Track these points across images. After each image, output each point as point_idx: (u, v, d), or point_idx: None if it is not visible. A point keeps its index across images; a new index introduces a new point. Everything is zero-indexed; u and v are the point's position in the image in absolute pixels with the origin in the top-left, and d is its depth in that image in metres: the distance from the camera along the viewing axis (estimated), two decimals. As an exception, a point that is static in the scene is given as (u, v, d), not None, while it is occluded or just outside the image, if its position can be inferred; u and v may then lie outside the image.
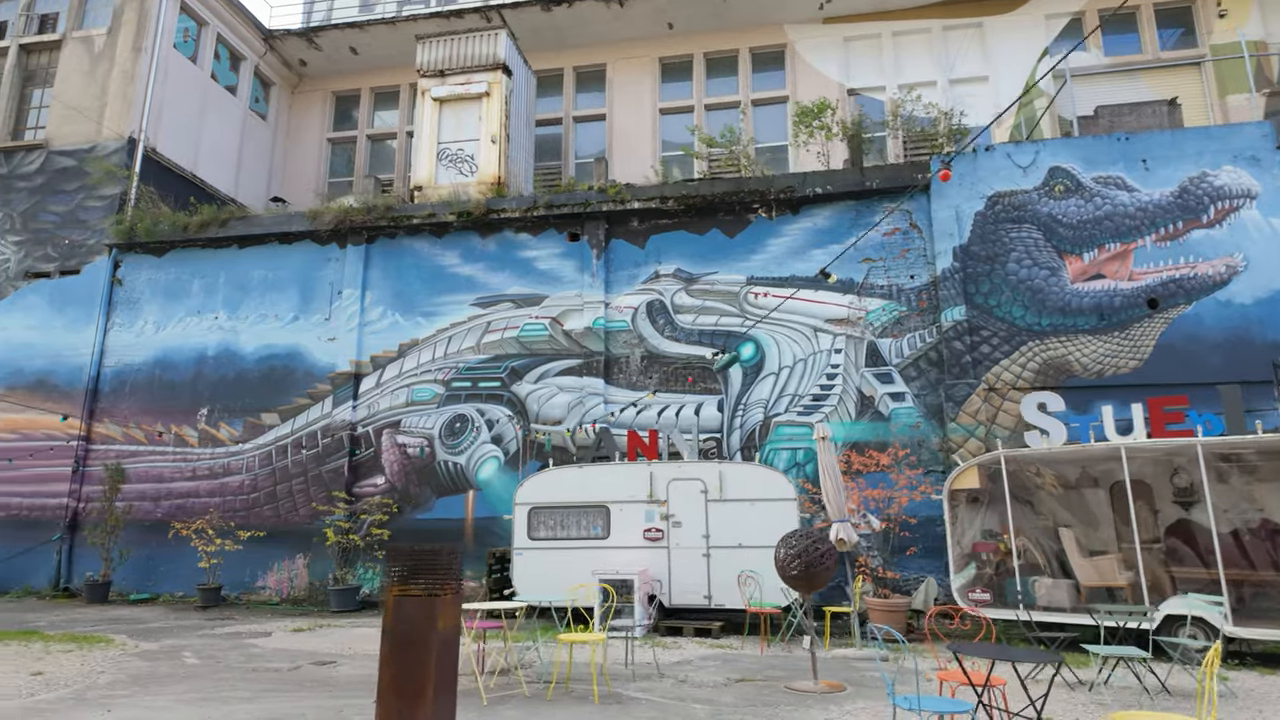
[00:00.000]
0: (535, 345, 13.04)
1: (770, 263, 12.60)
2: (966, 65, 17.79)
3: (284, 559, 12.90)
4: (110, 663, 6.76)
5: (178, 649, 7.66)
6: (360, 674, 6.32)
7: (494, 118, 15.71)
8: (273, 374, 13.76)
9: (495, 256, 13.64)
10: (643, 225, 13.24)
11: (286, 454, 13.32)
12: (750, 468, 9.21)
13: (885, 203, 12.48)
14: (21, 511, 13.90)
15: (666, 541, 9.05)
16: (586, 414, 12.48)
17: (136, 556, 13.25)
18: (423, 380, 13.28)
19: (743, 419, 12.02)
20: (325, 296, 13.99)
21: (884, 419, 11.61)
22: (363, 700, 5.31)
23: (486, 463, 12.69)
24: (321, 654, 7.27)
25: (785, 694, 5.49)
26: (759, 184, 12.69)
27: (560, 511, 9.43)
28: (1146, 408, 7.99)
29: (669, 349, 12.59)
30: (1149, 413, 7.90)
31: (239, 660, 6.94)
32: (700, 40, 18.91)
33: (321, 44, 19.52)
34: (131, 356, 14.35)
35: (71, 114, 15.79)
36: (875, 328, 12.02)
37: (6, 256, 15.34)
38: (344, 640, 8.40)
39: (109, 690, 5.57)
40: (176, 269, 14.64)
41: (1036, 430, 10.19)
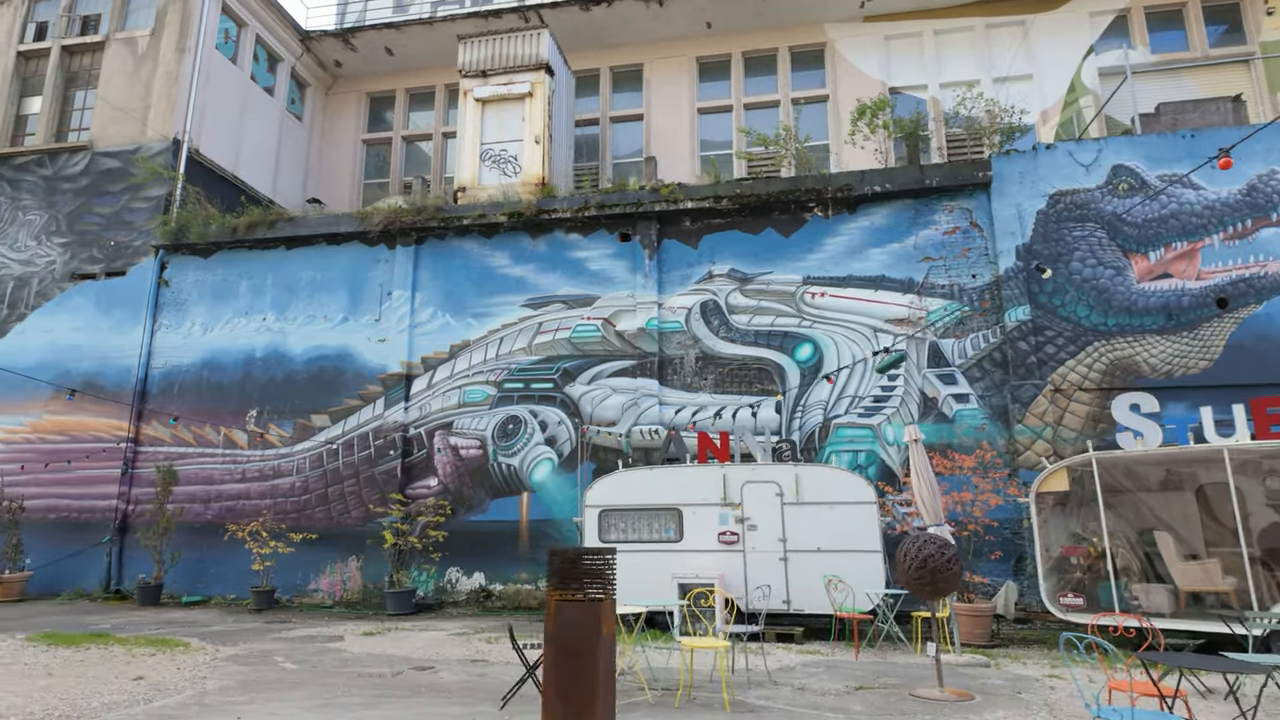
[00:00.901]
0: (587, 346, 12.94)
1: (827, 262, 12.47)
2: (1010, 63, 17.61)
3: (336, 561, 12.82)
4: (207, 668, 6.67)
5: (265, 653, 7.57)
6: (464, 680, 6.20)
7: (537, 118, 15.63)
8: (322, 375, 13.70)
9: (545, 257, 13.54)
10: (695, 225, 13.13)
11: (338, 456, 13.25)
12: (828, 470, 9.08)
13: (944, 201, 12.34)
14: (71, 514, 13.87)
15: (742, 545, 8.92)
16: (641, 415, 12.37)
17: (186, 559, 13.19)
18: (474, 381, 13.19)
19: (801, 421, 11.89)
20: (374, 297, 13.92)
21: (948, 421, 11.46)
22: (487, 708, 5.18)
23: (540, 464, 12.59)
24: (413, 659, 7.16)
25: (915, 703, 5.35)
26: (815, 182, 12.56)
27: (631, 514, 9.31)
28: (1249, 409, 7.82)
29: (724, 350, 12.47)
30: (1252, 414, 7.73)
31: (333, 665, 6.84)
32: (739, 39, 18.79)
33: (357, 45, 19.48)
34: (179, 358, 14.31)
35: (116, 115, 15.78)
36: (937, 328, 11.87)
37: (52, 258, 15.33)
38: (422, 645, 8.29)
39: (225, 696, 5.47)
40: (223, 270, 14.60)
41: (1128, 431, 10.04)
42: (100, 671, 6.51)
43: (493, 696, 5.51)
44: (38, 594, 13.36)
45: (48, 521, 13.85)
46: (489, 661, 7.04)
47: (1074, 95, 17.18)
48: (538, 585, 12.12)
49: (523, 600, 12.08)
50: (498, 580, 12.28)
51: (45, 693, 5.66)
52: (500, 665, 6.89)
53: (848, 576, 8.34)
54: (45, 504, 13.92)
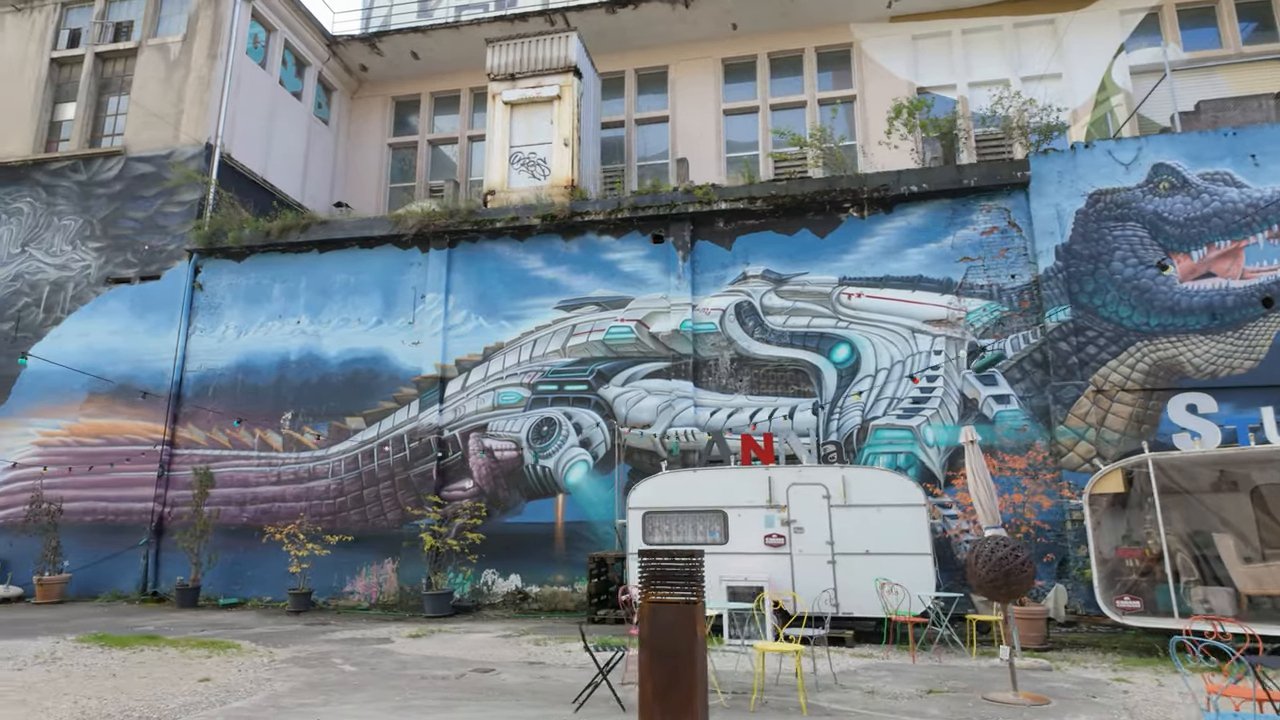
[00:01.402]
0: (621, 348, 12.93)
1: (863, 262, 12.40)
2: (1039, 62, 17.50)
3: (372, 563, 12.85)
4: (268, 670, 6.69)
5: (321, 656, 7.57)
6: (527, 682, 6.17)
7: (566, 120, 15.65)
8: (357, 378, 13.75)
9: (578, 259, 13.55)
10: (728, 226, 13.10)
11: (373, 458, 13.29)
12: (875, 472, 9.02)
13: (982, 200, 12.26)
14: (107, 516, 13.97)
15: (789, 548, 8.87)
16: (676, 417, 12.34)
17: (222, 561, 13.26)
18: (508, 384, 13.21)
19: (839, 422, 11.83)
20: (408, 300, 13.96)
21: (989, 422, 11.37)
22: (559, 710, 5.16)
23: (575, 466, 12.58)
24: (471, 661, 7.15)
25: (993, 707, 5.28)
26: (850, 182, 12.51)
27: (675, 516, 9.28)
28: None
29: (760, 351, 12.42)
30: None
31: (392, 667, 6.84)
32: (765, 40, 18.77)
33: (383, 49, 19.58)
34: (214, 361, 14.40)
35: (149, 120, 15.92)
36: (976, 328, 11.78)
37: (87, 262, 15.47)
38: (471, 647, 8.29)
39: (298, 698, 5.46)
40: (257, 274, 14.69)
41: (1184, 432, 9.93)
42: (163, 673, 6.53)
43: (563, 699, 5.49)
44: (76, 596, 13.46)
45: (84, 524, 13.96)
46: (545, 664, 7.02)
47: (1104, 94, 17.04)
48: (574, 587, 12.11)
49: (559, 602, 12.07)
50: (534, 582, 12.27)
51: (117, 693, 5.69)
52: (557, 668, 6.87)
53: (897, 579, 8.27)
54: (82, 506, 14.03)
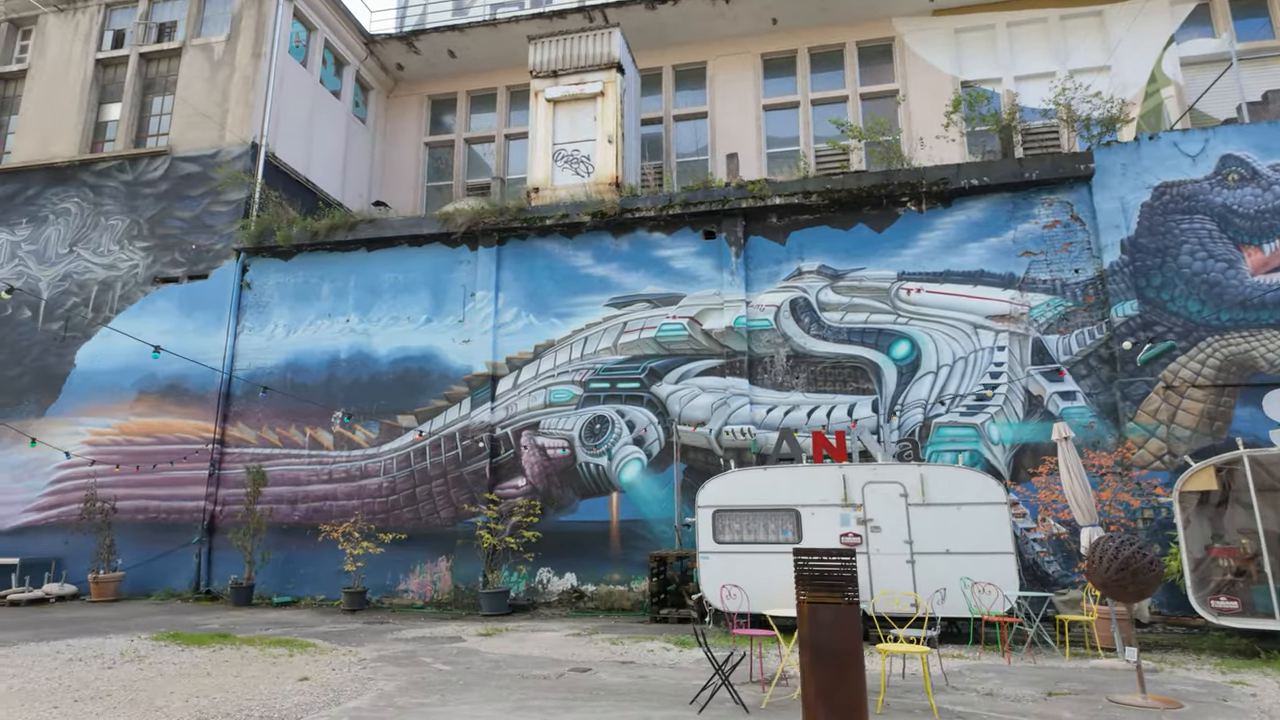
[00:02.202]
0: (674, 345, 12.82)
1: (922, 257, 12.24)
2: (1086, 55, 17.24)
3: (425, 562, 12.81)
4: (359, 668, 6.63)
5: (407, 655, 7.48)
6: (629, 682, 6.04)
7: (610, 117, 15.55)
8: (407, 376, 13.72)
9: (628, 256, 13.45)
10: (782, 221, 12.96)
11: (425, 456, 13.25)
12: (954, 470, 8.86)
13: (1043, 194, 12.06)
14: (159, 515, 14.01)
15: (866, 547, 8.73)
16: (732, 415, 12.22)
17: (275, 559, 13.26)
18: (560, 381, 13.13)
19: (900, 420, 11.67)
20: (458, 299, 13.92)
21: (1054, 419, 11.17)
22: (679, 711, 5.04)
23: (629, 464, 12.49)
24: (560, 660, 7.06)
25: (1127, 710, 5.12)
26: (909, 176, 12.34)
27: (746, 514, 9.16)
28: None
29: (816, 348, 12.28)
30: None
31: (487, 666, 6.75)
32: (805, 35, 18.60)
33: (420, 47, 19.56)
34: (263, 360, 14.41)
35: (194, 120, 15.97)
36: (1040, 324, 11.59)
37: (135, 262, 15.53)
38: (546, 646, 8.21)
39: (410, 698, 5.35)
40: (304, 272, 14.69)
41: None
42: (254, 671, 6.49)
43: (677, 699, 5.37)
44: (129, 594, 13.51)
45: (136, 522, 14.01)
46: (636, 663, 6.93)
47: (1155, 86, 16.76)
48: (630, 586, 12.02)
49: (616, 601, 11.98)
50: (590, 581, 12.19)
51: (222, 692, 5.64)
52: (650, 667, 6.78)
53: (980, 579, 8.12)
54: (134, 505, 14.08)
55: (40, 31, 17.74)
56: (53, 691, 5.70)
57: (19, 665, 6.86)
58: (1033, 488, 10.68)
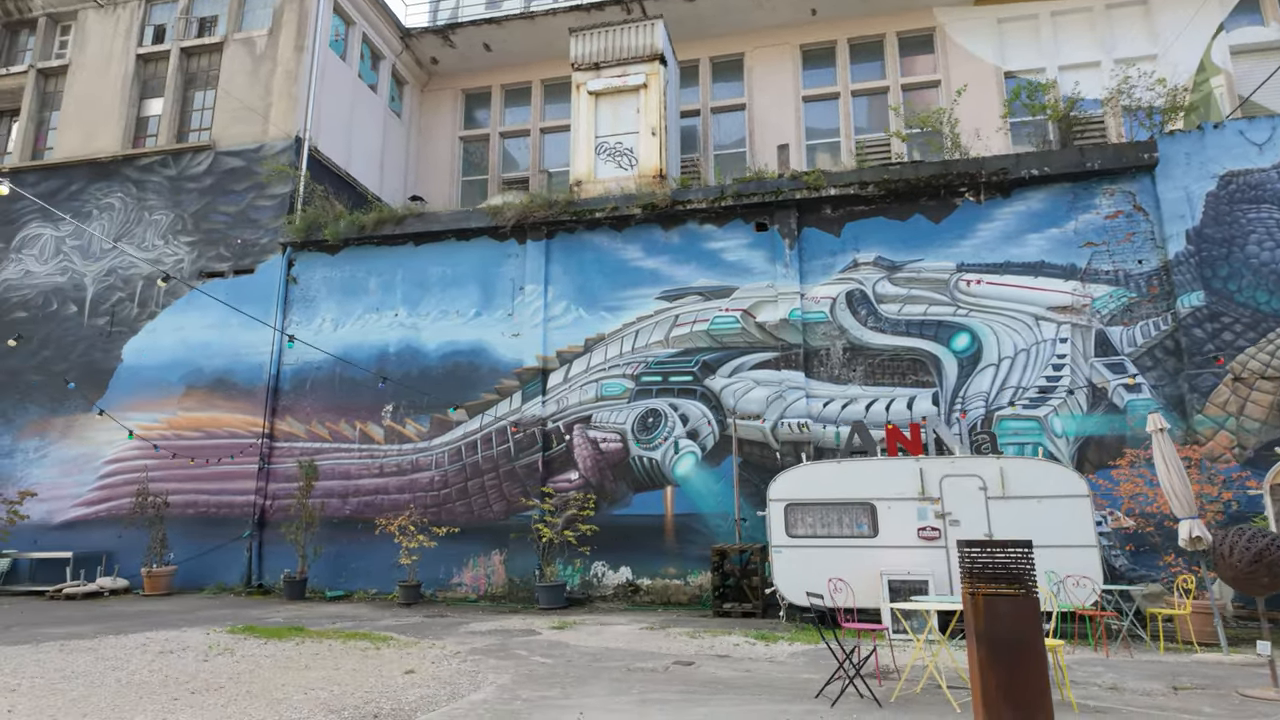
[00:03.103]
0: (727, 338, 12.73)
1: (981, 248, 12.10)
2: (1132, 44, 17.02)
3: (479, 555, 12.79)
4: (462, 661, 6.58)
5: (500, 647, 7.42)
6: (736, 676, 5.94)
7: (653, 109, 15.46)
8: (457, 370, 13.68)
9: (679, 249, 13.36)
10: (836, 212, 12.85)
11: (476, 450, 13.22)
12: (1034, 463, 8.75)
13: (1104, 184, 11.91)
14: (209, 509, 14.04)
15: (944, 541, 8.64)
16: (788, 408, 12.13)
17: (326, 553, 13.26)
18: (611, 375, 13.07)
19: (960, 412, 11.54)
20: (506, 292, 13.87)
21: (1119, 412, 11.04)
22: (813, 705, 4.95)
23: (683, 458, 12.42)
24: (652, 653, 6.99)
25: (1264, 704, 5.02)
26: (968, 166, 12.20)
27: (820, 508, 9.08)
28: None
29: (874, 340, 12.17)
30: None
31: (586, 660, 6.69)
32: (844, 26, 18.44)
33: (456, 41, 19.50)
34: (311, 354, 14.40)
35: (237, 115, 15.95)
36: (1103, 315, 11.45)
37: (180, 257, 15.54)
38: (631, 639, 8.15)
39: (530, 691, 5.29)
40: (351, 267, 14.67)
41: None
42: (352, 664, 6.46)
43: (798, 693, 5.28)
44: (181, 588, 13.54)
45: (186, 517, 14.04)
46: (731, 657, 6.87)
47: (1204, 75, 16.53)
48: (686, 580, 11.97)
49: (672, 595, 11.93)
50: (645, 575, 12.14)
51: (333, 685, 5.60)
52: (745, 660, 6.71)
53: (1063, 573, 8.02)
54: (184, 499, 14.11)
55: (80, 27, 17.75)
56: (163, 684, 5.67)
57: (113, 659, 6.85)
58: (1112, 479, 10.53)
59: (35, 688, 5.52)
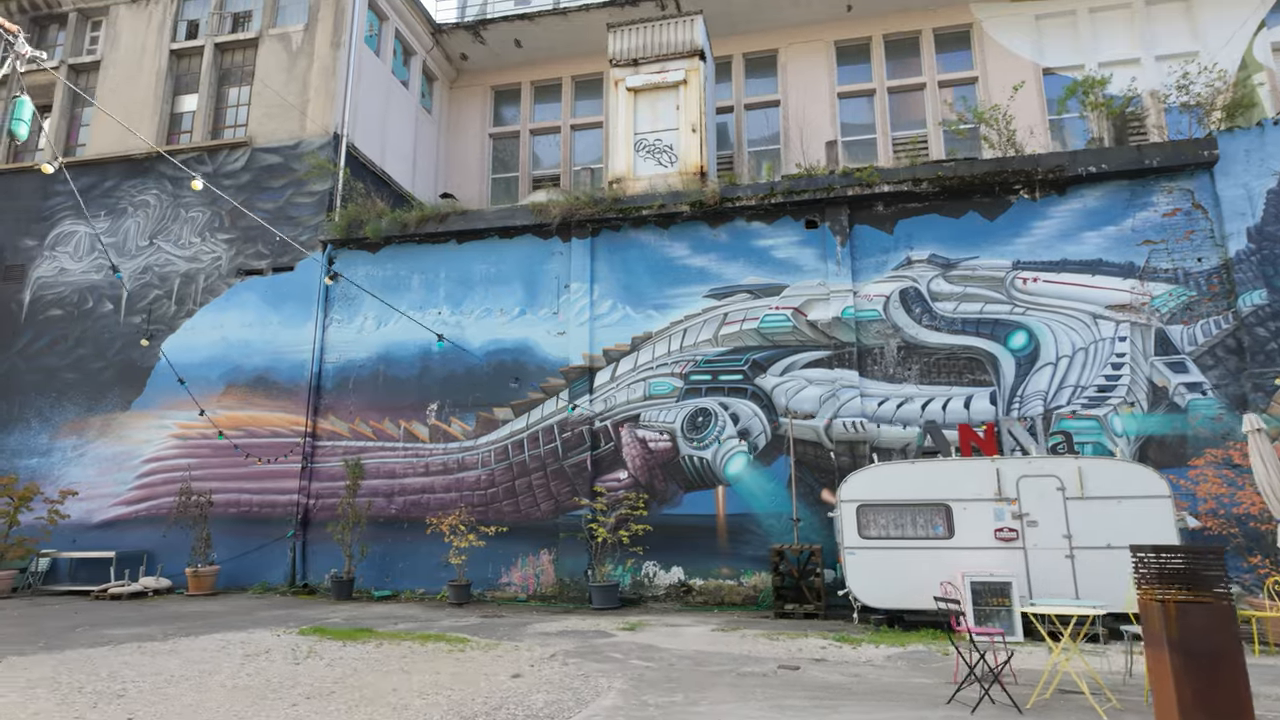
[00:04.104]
0: (778, 337, 12.63)
1: (1037, 246, 12.00)
2: (1172, 41, 16.91)
3: (528, 555, 12.70)
4: (563, 664, 6.49)
5: (592, 650, 7.28)
6: (845, 681, 5.82)
7: (693, 105, 15.35)
8: (502, 369, 13.58)
9: (727, 246, 13.26)
10: (888, 209, 12.74)
11: (523, 449, 13.12)
12: (1113, 463, 8.66)
13: (1163, 181, 11.80)
14: (251, 508, 13.94)
15: (1021, 542, 8.55)
16: (841, 407, 12.03)
17: (372, 553, 13.17)
18: (659, 374, 12.97)
19: (1019, 412, 11.46)
20: (551, 290, 13.76)
21: (1181, 411, 10.95)
22: (951, 712, 4.85)
23: (735, 457, 12.32)
24: (753, 656, 6.87)
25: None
26: (1023, 163, 12.09)
27: (894, 509, 8.99)
28: None
29: (929, 339, 12.07)
30: None
31: (687, 664, 6.56)
32: (880, 22, 18.33)
33: (487, 37, 19.38)
34: (353, 353, 14.30)
35: (274, 111, 15.82)
36: (1163, 314, 11.35)
37: (217, 254, 15.42)
38: (711, 641, 8.06)
39: (652, 697, 5.15)
40: (394, 265, 14.56)
41: None
42: (448, 667, 6.36)
43: (925, 699, 5.19)
44: (225, 588, 13.45)
45: (228, 516, 13.94)
46: (828, 660, 6.78)
47: (1246, 72, 16.42)
48: (740, 581, 11.88)
49: (725, 596, 11.84)
50: (697, 575, 12.05)
51: (445, 690, 5.50)
52: (845, 664, 6.62)
53: (1145, 573, 7.93)
54: (225, 498, 14.01)
55: (111, 23, 17.61)
56: (270, 689, 5.58)
57: (200, 662, 6.75)
58: (1190, 479, 10.45)
59: (142, 693, 5.42)
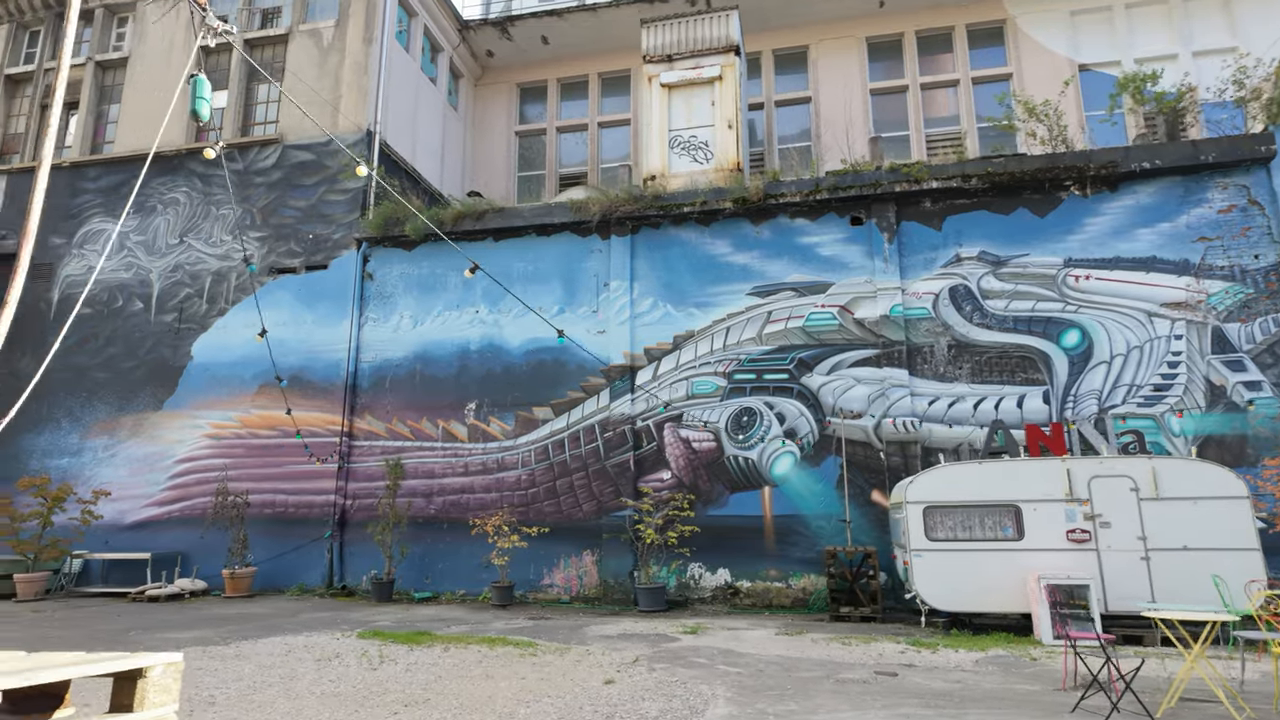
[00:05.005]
0: (824, 335, 12.47)
1: (1089, 243, 11.84)
2: (1210, 36, 16.76)
3: (570, 556, 12.54)
4: (649, 670, 6.32)
5: (678, 654, 7.13)
6: (953, 688, 5.60)
7: (729, 101, 15.21)
8: (542, 368, 13.42)
9: (770, 244, 13.10)
10: (936, 206, 12.58)
11: (564, 448, 12.96)
12: (1188, 463, 8.50)
13: (1216, 177, 11.64)
14: (287, 509, 13.79)
15: (1094, 543, 8.39)
16: (891, 407, 11.87)
17: (411, 554, 13.01)
18: (702, 373, 12.81)
19: (1073, 412, 11.29)
20: (590, 289, 13.60)
21: (1240, 410, 10.78)
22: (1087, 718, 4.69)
23: (781, 458, 12.16)
24: (840, 661, 6.66)
25: None
26: (1075, 159, 11.93)
27: (962, 511, 8.83)
28: None
29: (980, 337, 11.91)
30: None
31: (777, 670, 6.36)
32: (912, 18, 18.18)
33: (514, 34, 19.23)
34: (390, 352, 14.14)
35: (305, 107, 15.63)
36: (1219, 311, 11.19)
37: (250, 252, 15.26)
38: (776, 644, 7.90)
39: (764, 705, 4.98)
40: (430, 263, 14.40)
41: None
42: (532, 673, 6.20)
43: (1046, 708, 4.99)
44: (261, 589, 13.29)
45: (263, 517, 13.79)
46: (917, 666, 6.61)
47: (1288, 67, 16.22)
48: (788, 583, 11.72)
49: (774, 598, 11.68)
50: (744, 577, 11.89)
51: (541, 696, 5.34)
52: (939, 670, 6.46)
53: (1222, 576, 7.76)
54: (260, 499, 13.86)
55: (139, 18, 17.46)
56: (360, 696, 5.42)
57: (276, 667, 6.59)
58: (1263, 479, 10.29)
59: (231, 700, 5.26)
